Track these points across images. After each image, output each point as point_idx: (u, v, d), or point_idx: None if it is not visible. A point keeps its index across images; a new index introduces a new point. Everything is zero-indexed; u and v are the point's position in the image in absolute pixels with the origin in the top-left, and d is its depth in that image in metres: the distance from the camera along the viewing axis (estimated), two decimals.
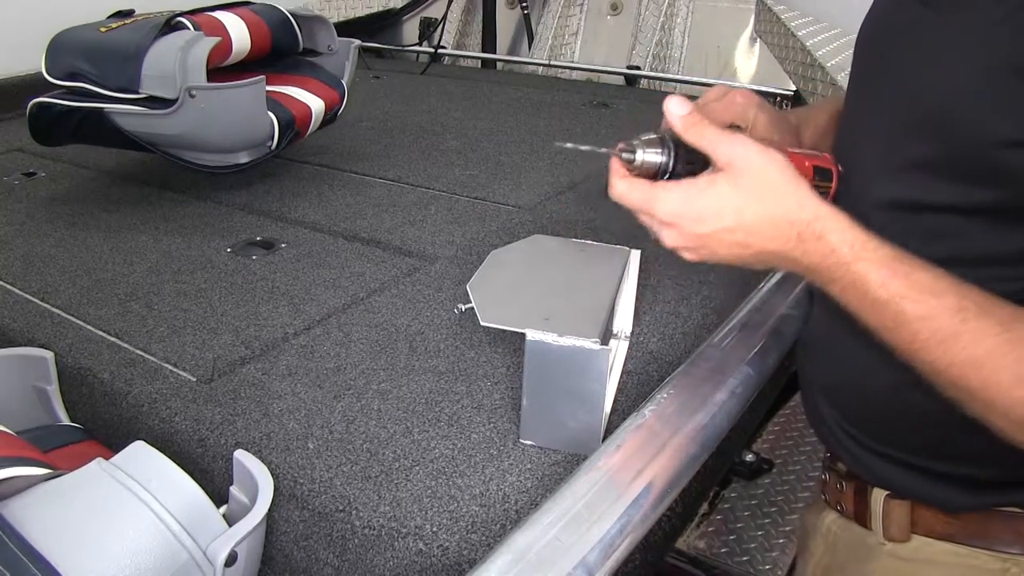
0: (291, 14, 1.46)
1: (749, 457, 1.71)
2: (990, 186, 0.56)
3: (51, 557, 0.54)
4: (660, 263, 1.04)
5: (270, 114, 1.31)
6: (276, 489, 0.66)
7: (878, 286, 0.54)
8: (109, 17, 1.40)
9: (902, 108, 0.62)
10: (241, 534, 0.60)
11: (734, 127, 0.70)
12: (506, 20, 2.71)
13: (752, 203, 0.55)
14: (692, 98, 0.60)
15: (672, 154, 0.58)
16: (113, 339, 0.93)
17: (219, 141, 1.33)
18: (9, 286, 1.07)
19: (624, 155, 0.58)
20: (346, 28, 2.51)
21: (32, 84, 1.36)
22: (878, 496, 0.70)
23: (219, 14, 1.35)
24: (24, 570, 0.52)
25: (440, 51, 2.57)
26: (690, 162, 0.58)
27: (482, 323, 0.68)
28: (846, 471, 0.74)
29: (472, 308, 0.69)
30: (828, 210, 0.55)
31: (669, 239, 0.58)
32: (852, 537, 0.74)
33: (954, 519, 0.66)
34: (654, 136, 0.59)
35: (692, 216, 0.56)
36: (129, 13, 1.41)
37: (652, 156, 0.58)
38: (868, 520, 0.71)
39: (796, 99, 1.70)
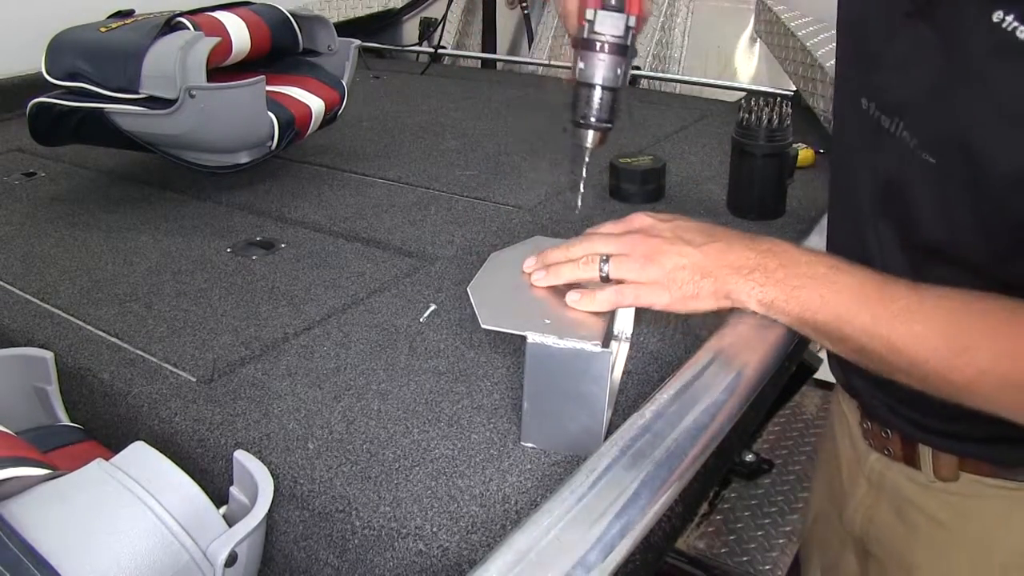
0: (291, 14, 1.46)
1: (749, 457, 1.72)
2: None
3: (51, 558, 0.54)
4: None
5: (270, 114, 1.31)
6: (276, 489, 0.66)
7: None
8: (109, 17, 1.40)
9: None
10: (241, 534, 0.60)
11: None
12: (506, 20, 2.71)
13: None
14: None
15: None
16: (113, 339, 0.93)
17: (219, 141, 1.33)
18: (9, 286, 1.07)
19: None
20: (346, 28, 2.50)
21: (32, 84, 1.36)
22: (925, 449, 0.73)
23: (219, 14, 1.35)
24: (24, 571, 0.52)
25: (440, 51, 2.57)
26: None
27: (483, 326, 0.68)
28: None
29: (432, 314, 0.68)
30: None
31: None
32: (898, 475, 0.77)
33: (1004, 468, 0.69)
34: None
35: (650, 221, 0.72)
36: (129, 13, 1.41)
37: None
38: (917, 462, 0.74)
39: (796, 99, 1.70)
